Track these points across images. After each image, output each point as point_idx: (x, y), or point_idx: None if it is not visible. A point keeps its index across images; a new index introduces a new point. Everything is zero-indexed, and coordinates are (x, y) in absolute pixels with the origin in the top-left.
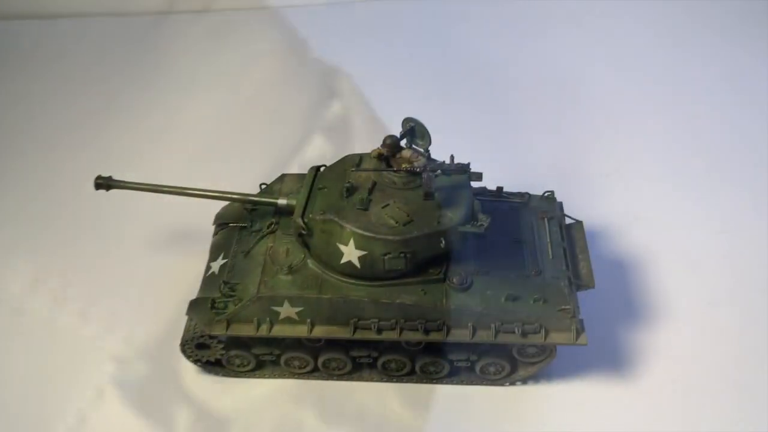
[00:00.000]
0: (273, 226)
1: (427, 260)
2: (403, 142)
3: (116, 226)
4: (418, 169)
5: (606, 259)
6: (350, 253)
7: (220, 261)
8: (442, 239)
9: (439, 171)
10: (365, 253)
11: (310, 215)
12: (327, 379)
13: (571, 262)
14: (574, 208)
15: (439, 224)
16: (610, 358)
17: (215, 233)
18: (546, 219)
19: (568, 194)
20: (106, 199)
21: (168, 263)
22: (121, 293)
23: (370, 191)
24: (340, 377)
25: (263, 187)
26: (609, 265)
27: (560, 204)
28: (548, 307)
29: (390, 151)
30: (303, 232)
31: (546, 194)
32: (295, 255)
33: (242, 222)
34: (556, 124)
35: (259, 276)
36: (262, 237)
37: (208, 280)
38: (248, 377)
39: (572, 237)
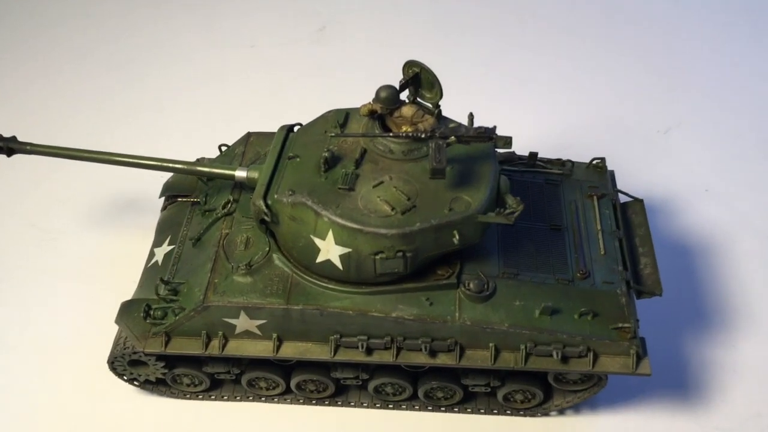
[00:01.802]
0: (230, 205)
1: (435, 259)
2: (404, 95)
3: (38, 199)
4: (423, 134)
5: (666, 244)
6: (328, 250)
7: (166, 247)
8: (455, 233)
9: (452, 137)
10: (348, 250)
11: (275, 195)
12: (303, 404)
13: (630, 258)
14: (621, 177)
15: (452, 212)
16: (674, 380)
17: (164, 207)
18: (595, 198)
19: (614, 158)
20: (24, 165)
21: (105, 243)
22: (43, 282)
23: (358, 163)
24: (320, 402)
25: (223, 149)
26: (670, 254)
27: (612, 173)
28: (599, 323)
29: (385, 107)
30: (265, 218)
31: (594, 162)
32: (256, 247)
33: (195, 195)
34: (601, 63)
35: (208, 275)
36: (216, 220)
37: (150, 271)
38: (201, 400)
39: (630, 222)
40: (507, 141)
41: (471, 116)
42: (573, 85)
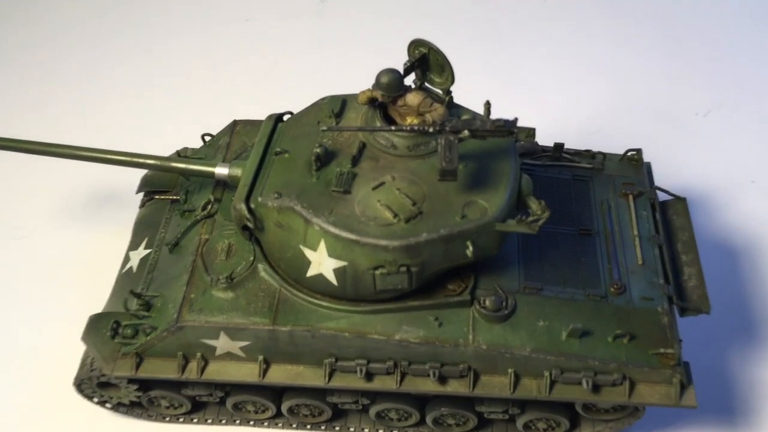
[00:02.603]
0: (210, 207)
1: (445, 273)
2: (409, 80)
3: (8, 194)
4: (431, 128)
5: (706, 245)
6: (320, 263)
7: (142, 251)
8: (469, 244)
9: (466, 131)
10: (343, 264)
11: (259, 198)
12: (297, 429)
13: (672, 268)
14: (655, 168)
15: (465, 219)
16: (719, 405)
17: (142, 204)
18: (631, 197)
19: (647, 145)
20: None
21: (80, 242)
22: (9, 285)
23: (355, 160)
24: (316, 426)
25: (207, 139)
26: (711, 256)
27: (648, 166)
28: (636, 347)
29: (387, 95)
30: (248, 224)
31: (630, 154)
32: (239, 256)
33: (175, 192)
34: (629, 38)
35: (183, 288)
36: (195, 223)
37: (124, 279)
38: (183, 423)
39: (670, 225)
40: (530, 133)
41: (488, 105)
42: (599, 63)
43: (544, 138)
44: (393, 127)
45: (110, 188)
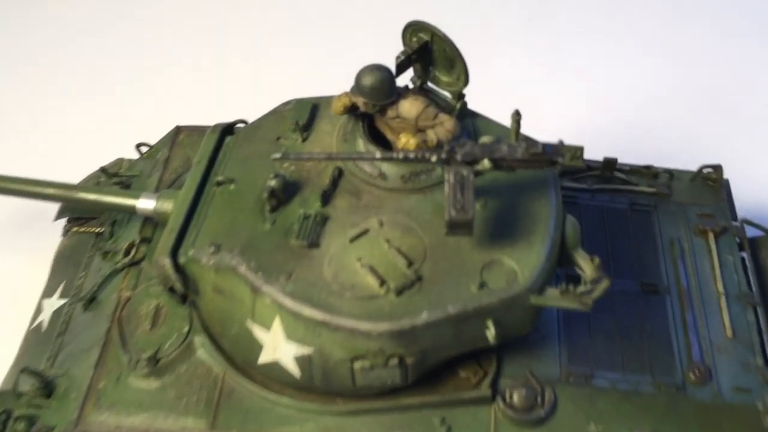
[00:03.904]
0: (135, 250)
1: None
2: (404, 78)
3: None
4: (435, 157)
5: None
6: (276, 347)
7: (56, 301)
8: (489, 324)
9: (485, 161)
10: (308, 351)
11: (191, 251)
12: None
13: None
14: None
15: (485, 290)
16: None
17: (65, 232)
18: (711, 234)
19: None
20: None
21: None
22: None
23: (327, 196)
24: None
25: (144, 151)
26: None
27: (726, 185)
28: None
29: (373, 103)
30: (176, 286)
31: (705, 171)
32: (170, 324)
33: (100, 222)
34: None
35: (91, 372)
36: (114, 273)
37: (32, 338)
38: None
39: (764, 270)
40: (576, 154)
41: (517, 117)
42: (647, 45)
43: (594, 153)
44: (378, 154)
45: (30, 211)
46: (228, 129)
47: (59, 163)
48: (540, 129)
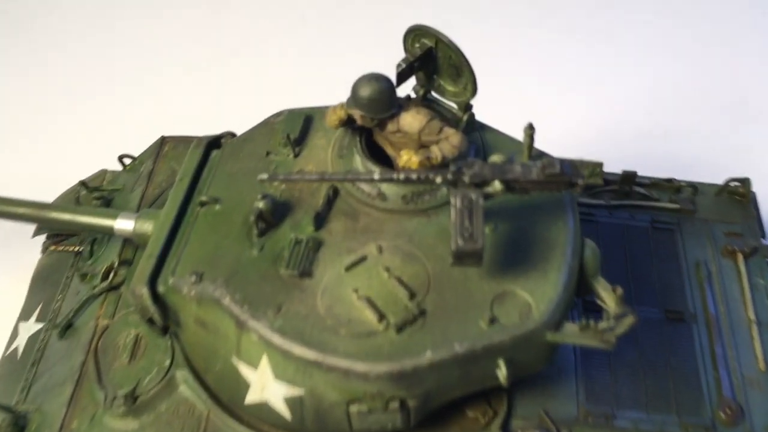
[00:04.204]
0: (114, 274)
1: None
2: (406, 88)
3: None
4: (440, 178)
5: None
6: (264, 386)
7: (33, 325)
8: (501, 363)
9: (497, 184)
10: (299, 392)
11: (170, 279)
12: None
13: None
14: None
15: (495, 326)
16: None
17: (44, 249)
18: (740, 256)
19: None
20: None
21: None
22: None
23: (320, 219)
24: None
25: (127, 163)
26: None
27: (753, 198)
28: None
29: (372, 116)
30: (155, 318)
31: (731, 185)
32: (150, 357)
33: (81, 239)
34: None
35: (64, 409)
36: (91, 299)
37: (6, 366)
38: None
39: None
40: (594, 171)
41: (530, 131)
42: (664, 47)
43: (613, 165)
44: (377, 175)
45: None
46: (214, 143)
47: (38, 175)
48: (550, 140)
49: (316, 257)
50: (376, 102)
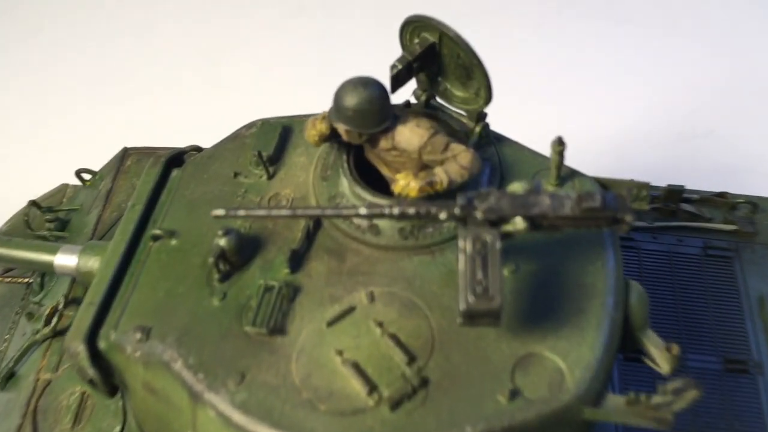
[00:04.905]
0: (59, 316)
1: None
2: (404, 94)
3: None
4: (444, 213)
5: None
6: None
7: None
8: None
9: (519, 221)
10: None
11: (113, 334)
12: None
13: None
14: None
15: (518, 400)
16: None
17: None
18: None
19: None
20: None
21: None
22: None
23: (297, 258)
24: None
25: (87, 178)
26: None
27: None
28: None
29: (359, 131)
30: (94, 381)
31: None
32: (96, 423)
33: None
34: None
35: None
36: (34, 345)
37: None
38: None
39: None
40: (640, 194)
41: (559, 147)
42: (702, 42)
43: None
44: (363, 210)
45: None
46: (175, 159)
47: None
48: (574, 148)
49: (291, 308)
50: (364, 114)
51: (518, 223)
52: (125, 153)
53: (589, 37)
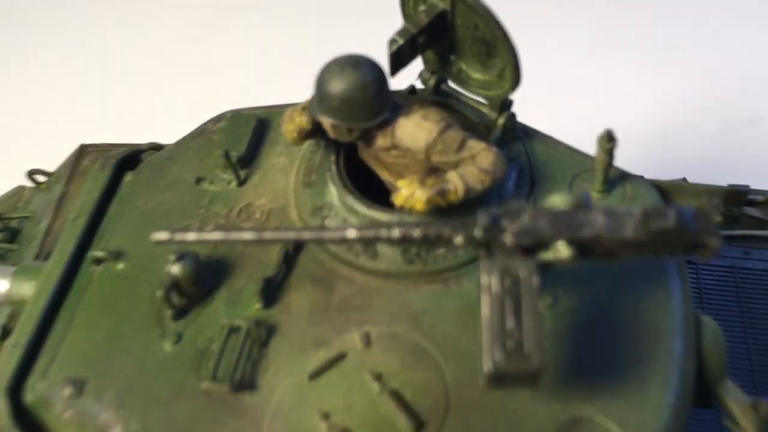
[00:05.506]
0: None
1: None
2: (408, 77)
3: None
4: (460, 237)
5: None
6: None
7: None
8: None
9: (562, 247)
10: None
11: (40, 386)
12: None
13: None
14: None
15: None
16: None
17: None
18: None
19: None
20: None
21: None
22: None
23: (271, 289)
24: None
25: (41, 180)
26: None
27: None
28: None
29: (349, 125)
30: None
31: None
32: None
33: None
34: None
35: None
36: None
37: None
38: None
39: None
40: (714, 202)
41: (608, 144)
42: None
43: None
44: (352, 232)
45: None
46: (129, 160)
47: None
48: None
49: (264, 356)
50: (353, 103)
51: (561, 250)
52: (82, 151)
53: (626, 18)
